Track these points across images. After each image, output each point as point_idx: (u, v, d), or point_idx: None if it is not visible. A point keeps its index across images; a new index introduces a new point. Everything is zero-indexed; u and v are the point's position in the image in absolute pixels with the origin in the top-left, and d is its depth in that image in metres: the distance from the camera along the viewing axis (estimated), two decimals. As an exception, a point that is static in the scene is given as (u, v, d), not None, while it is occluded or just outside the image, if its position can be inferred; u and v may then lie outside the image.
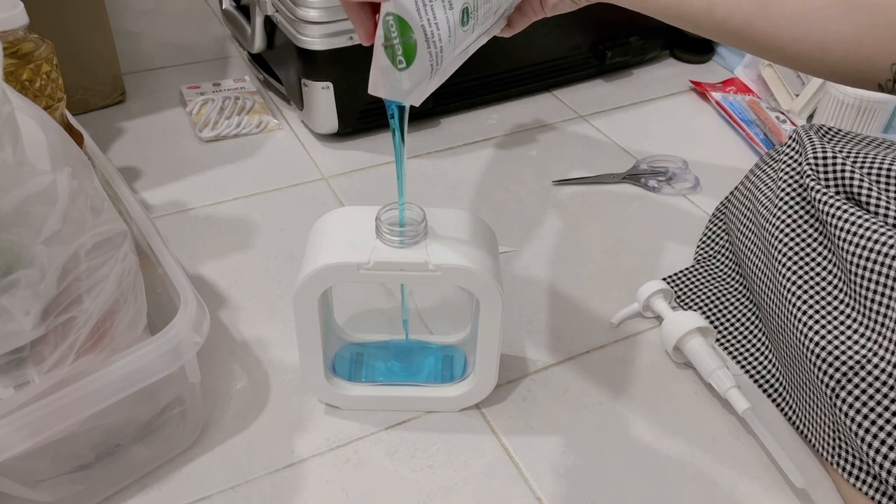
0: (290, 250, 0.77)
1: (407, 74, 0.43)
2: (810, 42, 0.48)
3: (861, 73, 0.47)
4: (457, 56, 0.45)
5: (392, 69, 0.42)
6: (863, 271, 0.55)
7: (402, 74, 0.43)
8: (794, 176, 0.64)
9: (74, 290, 0.48)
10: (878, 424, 0.51)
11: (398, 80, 0.43)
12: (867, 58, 0.46)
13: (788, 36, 0.48)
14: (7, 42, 0.64)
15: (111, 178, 0.66)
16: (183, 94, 1.00)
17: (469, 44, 0.46)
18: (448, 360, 0.64)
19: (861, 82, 0.48)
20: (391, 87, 0.44)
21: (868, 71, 0.47)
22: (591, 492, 0.56)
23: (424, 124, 0.97)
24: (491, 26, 0.49)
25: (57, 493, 0.51)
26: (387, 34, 0.41)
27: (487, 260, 0.54)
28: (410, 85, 0.44)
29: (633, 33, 1.06)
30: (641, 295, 0.69)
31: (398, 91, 0.44)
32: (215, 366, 0.64)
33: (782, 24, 0.48)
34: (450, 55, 0.44)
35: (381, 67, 0.43)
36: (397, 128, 0.49)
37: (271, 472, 0.57)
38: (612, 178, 0.88)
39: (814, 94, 0.95)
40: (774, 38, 0.49)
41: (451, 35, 0.43)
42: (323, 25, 0.83)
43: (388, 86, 0.43)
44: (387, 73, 0.43)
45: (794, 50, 0.48)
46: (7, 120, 0.45)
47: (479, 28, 0.46)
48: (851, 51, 0.47)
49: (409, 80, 0.43)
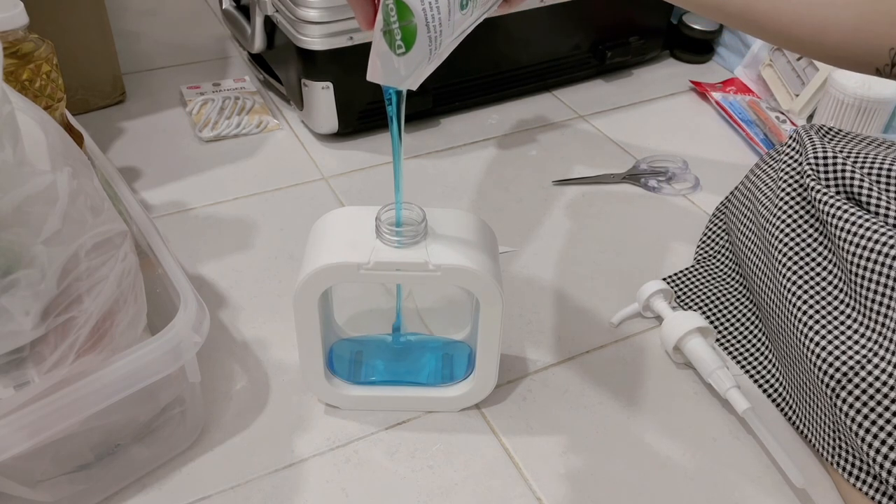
0: (290, 250, 0.77)
1: (405, 60, 0.43)
2: (810, 24, 0.48)
3: (860, 58, 0.47)
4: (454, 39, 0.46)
5: (391, 54, 0.43)
6: (863, 271, 0.55)
7: (400, 60, 0.43)
8: (794, 176, 0.64)
9: (74, 290, 0.48)
10: (878, 424, 0.51)
11: (396, 66, 0.43)
12: (866, 42, 0.46)
13: (788, 18, 0.48)
14: (7, 42, 0.64)
15: (111, 178, 0.66)
16: (183, 94, 1.00)
17: (467, 26, 0.46)
18: (448, 359, 0.64)
19: (860, 67, 0.48)
20: (389, 73, 0.44)
21: (867, 55, 0.47)
22: (591, 492, 0.56)
23: (424, 124, 0.97)
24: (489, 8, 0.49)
25: (57, 493, 0.51)
26: (386, 18, 0.41)
27: (487, 260, 0.54)
28: (408, 70, 0.44)
29: (633, 33, 1.06)
30: (641, 295, 0.69)
31: (396, 76, 0.44)
32: (215, 366, 0.64)
33: (782, 6, 0.48)
34: (448, 39, 0.44)
35: (379, 53, 0.43)
36: (395, 115, 0.49)
37: (271, 472, 0.57)
38: (612, 178, 0.88)
39: (814, 94, 0.95)
40: (774, 20, 0.49)
41: (451, 18, 0.43)
42: (323, 25, 0.83)
43: (386, 71, 0.44)
44: (385, 58, 0.43)
45: (794, 32, 0.48)
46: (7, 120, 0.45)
47: (479, 10, 0.46)
48: (851, 34, 0.47)
49: (407, 66, 0.43)
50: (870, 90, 0.87)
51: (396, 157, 0.52)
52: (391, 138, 0.51)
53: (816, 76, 0.95)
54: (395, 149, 0.51)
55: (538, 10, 0.94)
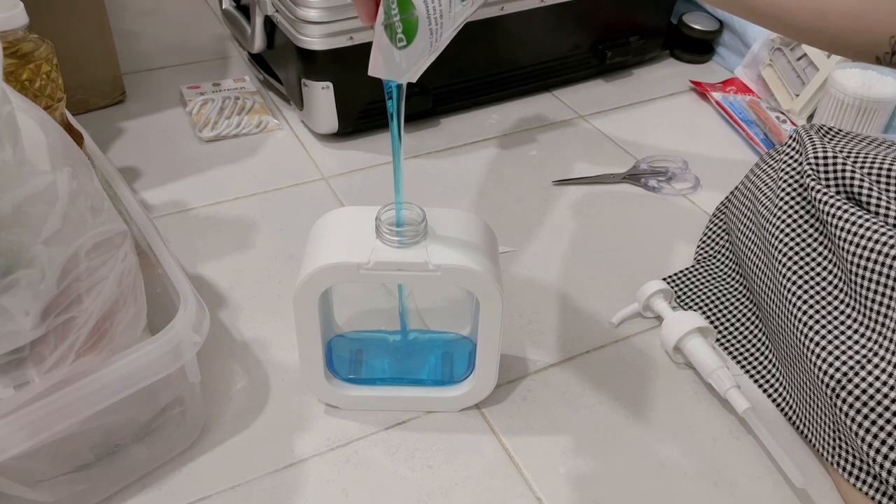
0: (290, 250, 0.77)
1: (406, 53, 0.43)
2: (810, 10, 0.47)
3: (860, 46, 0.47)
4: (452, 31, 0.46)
5: (392, 48, 0.43)
6: (863, 271, 0.55)
7: (401, 53, 0.43)
8: (794, 176, 0.64)
9: (74, 290, 0.48)
10: (878, 424, 0.51)
11: (398, 59, 0.43)
12: (866, 29, 0.46)
13: (788, 4, 0.48)
14: (7, 42, 0.64)
15: (111, 178, 0.66)
16: (183, 94, 1.00)
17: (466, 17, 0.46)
18: (448, 357, 0.64)
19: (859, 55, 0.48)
20: (391, 67, 0.44)
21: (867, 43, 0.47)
22: (591, 492, 0.56)
23: (424, 124, 0.97)
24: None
25: (57, 493, 0.51)
26: (387, 11, 0.42)
27: (487, 260, 0.54)
28: (409, 63, 0.44)
29: (633, 33, 1.06)
30: (641, 295, 0.69)
31: (397, 70, 0.44)
32: (215, 366, 0.64)
33: None
34: (448, 30, 0.44)
35: (381, 47, 0.43)
36: (395, 110, 0.49)
37: (271, 472, 0.57)
38: (612, 178, 0.88)
39: (814, 94, 0.95)
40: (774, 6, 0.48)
41: (451, 10, 0.43)
42: (323, 25, 0.83)
43: (387, 65, 0.44)
44: (386, 52, 0.43)
45: (794, 18, 0.48)
46: (7, 120, 0.45)
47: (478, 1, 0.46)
48: (851, 21, 0.46)
49: (408, 58, 0.44)
50: (870, 90, 0.87)
51: (396, 156, 0.52)
52: (391, 137, 0.51)
53: (816, 76, 0.95)
54: (394, 148, 0.51)
55: (538, 10, 0.94)
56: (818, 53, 0.96)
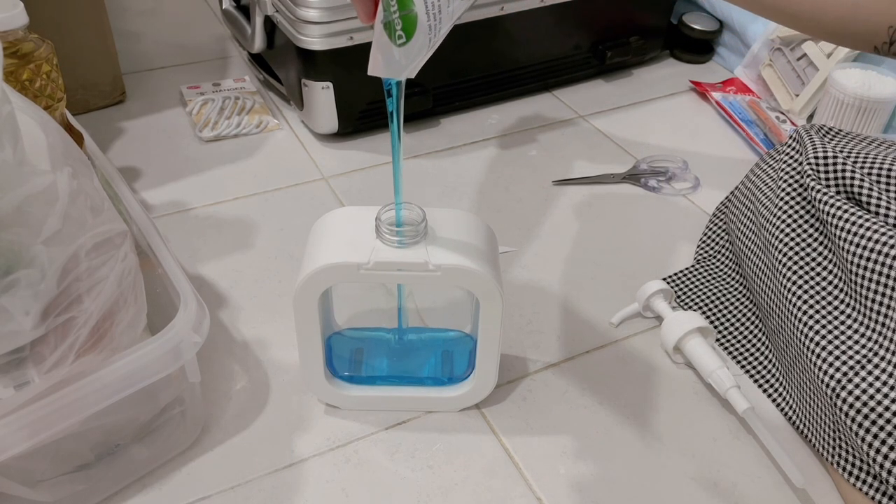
0: (290, 250, 0.77)
1: (406, 50, 0.43)
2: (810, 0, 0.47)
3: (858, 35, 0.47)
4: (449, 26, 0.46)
5: (391, 45, 0.43)
6: (863, 271, 0.55)
7: (401, 50, 0.43)
8: (794, 176, 0.64)
9: (74, 290, 0.48)
10: (878, 424, 0.51)
11: (397, 57, 0.44)
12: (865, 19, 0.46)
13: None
14: (7, 42, 0.64)
15: (111, 178, 0.66)
16: (183, 94, 1.00)
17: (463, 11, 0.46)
18: (448, 357, 0.64)
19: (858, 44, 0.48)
20: (390, 65, 0.44)
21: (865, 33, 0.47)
22: (591, 491, 0.56)
23: (424, 124, 0.97)
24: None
25: (57, 493, 0.51)
26: (387, 9, 0.42)
27: (487, 260, 0.54)
28: (408, 60, 0.44)
29: (633, 33, 1.06)
30: (641, 295, 0.69)
31: (397, 67, 0.44)
32: (215, 366, 0.64)
33: None
34: (446, 25, 0.44)
35: (380, 45, 0.43)
36: (395, 108, 0.49)
37: (271, 472, 0.57)
38: (612, 178, 0.88)
39: (814, 94, 0.95)
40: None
41: (449, 5, 0.43)
42: (323, 25, 0.83)
43: (387, 63, 0.44)
44: (386, 50, 0.43)
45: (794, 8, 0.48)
46: (7, 120, 0.45)
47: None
48: (850, 11, 0.47)
49: (407, 55, 0.44)
50: (870, 90, 0.87)
51: (396, 156, 0.52)
52: (391, 137, 0.51)
53: (816, 76, 0.95)
54: (394, 148, 0.51)
55: (538, 10, 0.94)
56: (818, 53, 0.96)
